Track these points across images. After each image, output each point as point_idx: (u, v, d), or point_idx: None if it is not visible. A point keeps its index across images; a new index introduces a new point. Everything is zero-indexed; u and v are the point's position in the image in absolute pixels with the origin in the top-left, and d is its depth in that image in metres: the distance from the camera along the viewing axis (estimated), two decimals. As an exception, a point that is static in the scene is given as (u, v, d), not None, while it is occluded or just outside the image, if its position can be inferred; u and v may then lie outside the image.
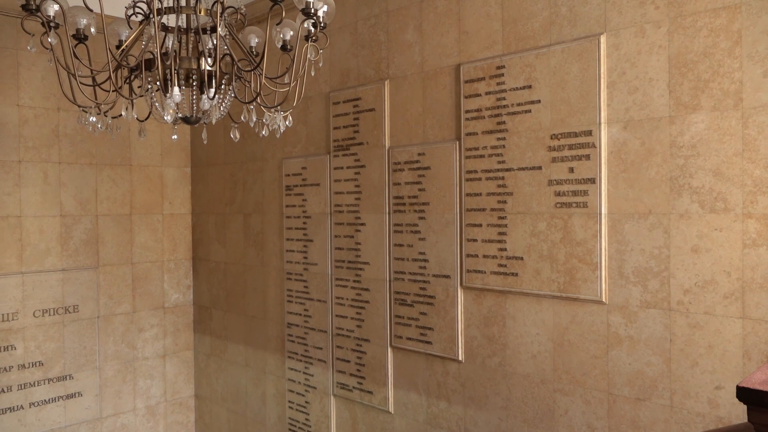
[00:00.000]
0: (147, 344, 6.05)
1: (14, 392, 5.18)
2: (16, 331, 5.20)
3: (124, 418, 5.89)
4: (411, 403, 4.15)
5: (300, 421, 5.04)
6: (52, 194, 5.40)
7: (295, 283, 5.03)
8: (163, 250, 6.17)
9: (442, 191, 3.90)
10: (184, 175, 6.32)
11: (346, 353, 4.59)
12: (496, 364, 3.63)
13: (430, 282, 3.97)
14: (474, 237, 3.72)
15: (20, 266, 5.21)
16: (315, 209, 4.84)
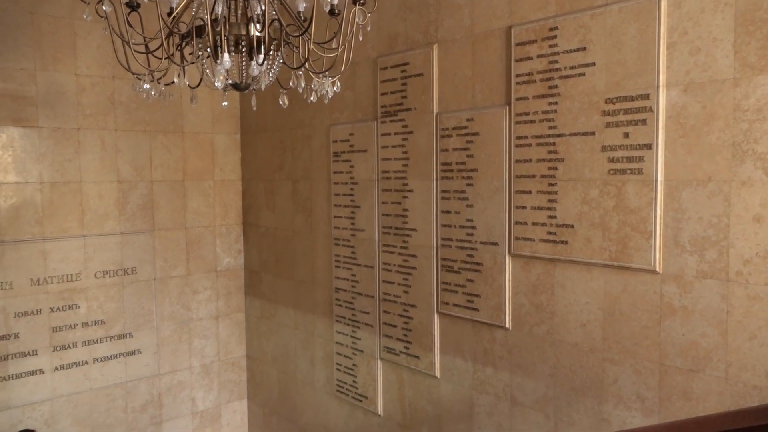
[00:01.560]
0: (201, 306, 6.27)
1: (79, 348, 5.48)
2: (79, 291, 5.47)
3: (181, 376, 6.16)
4: (457, 369, 4.19)
5: (348, 383, 5.16)
6: (110, 160, 5.59)
7: (342, 249, 5.09)
8: (214, 216, 6.33)
9: (490, 157, 3.84)
10: (234, 142, 6.42)
11: (393, 318, 4.64)
12: (544, 332, 3.61)
13: (478, 249, 3.95)
14: (523, 204, 3.66)
15: (81, 229, 5.45)
16: (362, 176, 4.85)
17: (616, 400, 3.30)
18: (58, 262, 5.32)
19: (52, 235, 5.28)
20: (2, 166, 5.01)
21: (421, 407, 4.49)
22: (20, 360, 5.16)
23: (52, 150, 5.25)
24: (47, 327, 5.29)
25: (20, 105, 5.08)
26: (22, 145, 5.10)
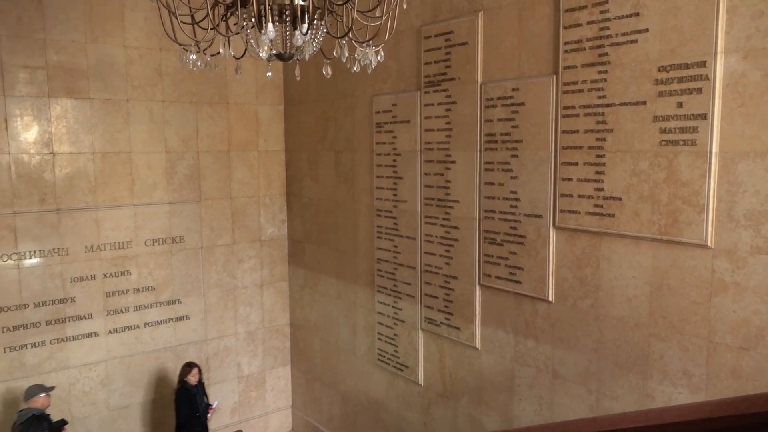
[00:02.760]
0: (246, 274, 6.41)
1: (131, 313, 5.70)
2: (130, 258, 5.66)
3: (227, 341, 6.35)
4: (498, 341, 4.18)
5: (389, 353, 5.23)
6: (157, 131, 5.71)
7: (384, 220, 5.11)
8: (259, 186, 6.42)
9: (536, 128, 3.76)
10: (277, 113, 6.47)
11: (435, 290, 4.65)
12: (588, 306, 3.56)
13: (521, 221, 3.90)
14: (569, 176, 3.58)
15: (132, 199, 5.61)
16: (405, 147, 4.82)
17: (661, 376, 3.24)
18: (110, 230, 5.51)
19: (104, 204, 5.46)
20: (57, 136, 5.18)
21: (461, 378, 4.52)
22: (77, 323, 5.40)
23: (102, 121, 5.39)
24: (101, 292, 5.52)
25: (73, 77, 5.22)
26: (75, 116, 5.25)
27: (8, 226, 5.00)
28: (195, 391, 5.27)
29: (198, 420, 5.22)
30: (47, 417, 4.59)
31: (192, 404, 5.20)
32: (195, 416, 5.20)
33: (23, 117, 5.02)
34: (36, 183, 5.11)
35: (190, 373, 5.27)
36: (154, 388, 5.90)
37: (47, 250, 5.20)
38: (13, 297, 5.07)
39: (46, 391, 4.64)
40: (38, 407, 4.55)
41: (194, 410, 5.20)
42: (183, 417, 5.19)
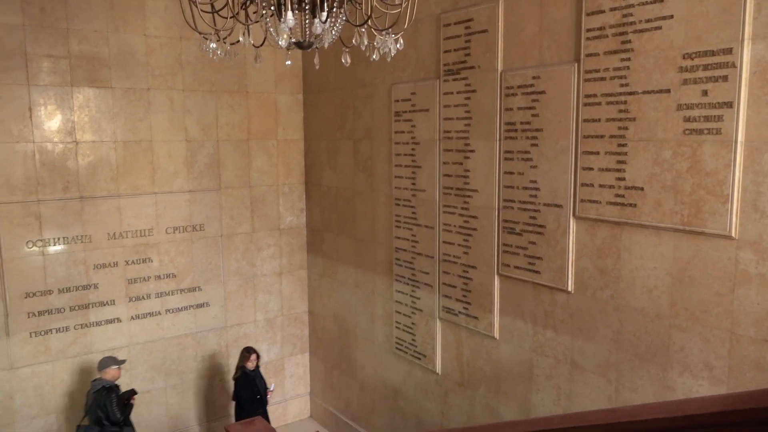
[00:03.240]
0: (265, 262, 6.46)
1: (153, 299, 5.78)
2: (151, 245, 5.73)
3: (246, 328, 6.42)
4: (516, 331, 4.17)
5: (406, 341, 5.24)
6: (178, 120, 5.75)
7: (403, 209, 5.11)
8: (278, 175, 6.45)
9: (557, 117, 3.72)
10: (296, 102, 6.48)
11: (453, 279, 4.65)
12: (608, 297, 3.53)
13: (541, 211, 3.87)
14: (590, 165, 3.54)
15: (153, 187, 5.67)
16: (424, 135, 4.81)
17: (681, 368, 3.21)
18: (132, 218, 5.59)
19: (126, 192, 5.53)
20: (80, 125, 5.25)
21: (479, 367, 4.52)
22: (100, 309, 5.50)
23: (124, 110, 5.45)
24: (123, 279, 5.60)
25: (95, 66, 5.27)
26: (97, 105, 5.32)
27: (33, 214, 5.09)
28: (254, 375, 5.43)
29: (260, 402, 5.36)
30: (116, 388, 4.88)
31: (253, 388, 5.34)
32: (257, 399, 5.34)
33: (47, 106, 5.09)
34: (59, 171, 5.18)
35: (248, 359, 5.40)
36: (176, 374, 6.00)
37: (71, 237, 5.29)
38: (39, 283, 5.17)
39: (118, 363, 4.96)
40: (109, 379, 4.86)
41: (255, 393, 5.34)
42: (245, 401, 5.33)
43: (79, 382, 5.45)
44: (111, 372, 4.88)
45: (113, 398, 4.78)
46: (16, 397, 5.18)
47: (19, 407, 5.20)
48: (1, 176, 4.93)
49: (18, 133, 4.98)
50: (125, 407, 4.93)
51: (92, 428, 4.77)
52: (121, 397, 4.89)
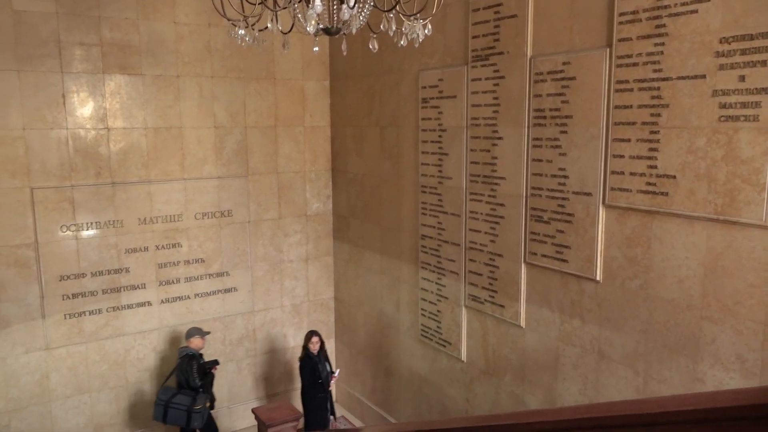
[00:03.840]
0: (292, 248, 6.52)
1: (182, 284, 5.89)
2: (181, 231, 5.82)
3: (273, 313, 6.50)
4: (543, 320, 4.14)
5: (432, 329, 5.25)
6: (206, 107, 5.81)
7: (429, 196, 5.09)
8: (304, 161, 6.48)
9: (587, 103, 3.65)
10: (323, 89, 6.48)
11: (479, 267, 4.63)
12: (637, 287, 3.48)
13: (570, 199, 3.82)
14: (621, 153, 3.48)
15: (182, 173, 5.75)
16: (451, 122, 4.77)
17: (712, 360, 3.16)
18: (162, 204, 5.68)
19: (157, 178, 5.62)
20: (111, 112, 5.33)
21: (504, 355, 4.51)
22: (131, 292, 5.62)
23: (154, 96, 5.52)
24: (154, 263, 5.71)
25: (126, 54, 5.34)
26: (128, 92, 5.39)
27: (67, 199, 5.21)
28: (317, 359, 5.40)
29: (321, 387, 5.35)
30: (197, 357, 5.25)
31: (314, 371, 5.34)
32: (317, 383, 5.33)
33: (79, 93, 5.18)
34: (92, 157, 5.28)
35: (310, 341, 5.40)
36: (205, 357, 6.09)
37: (103, 222, 5.40)
38: (73, 266, 5.30)
39: (202, 334, 5.35)
40: (193, 347, 5.29)
41: (316, 377, 5.34)
42: (306, 383, 5.36)
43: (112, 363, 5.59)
44: (195, 341, 5.28)
45: (194, 365, 5.16)
46: (52, 376, 5.34)
47: (54, 386, 5.36)
48: (37, 162, 5.05)
49: (52, 120, 5.08)
50: (205, 375, 5.26)
51: (171, 389, 5.20)
52: (202, 365, 5.23)
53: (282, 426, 4.05)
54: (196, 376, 5.17)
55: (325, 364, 5.48)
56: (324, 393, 5.38)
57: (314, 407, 5.39)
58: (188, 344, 5.30)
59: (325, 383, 5.38)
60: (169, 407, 5.07)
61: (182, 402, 5.10)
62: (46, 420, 5.36)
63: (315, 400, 5.37)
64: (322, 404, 5.41)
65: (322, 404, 5.41)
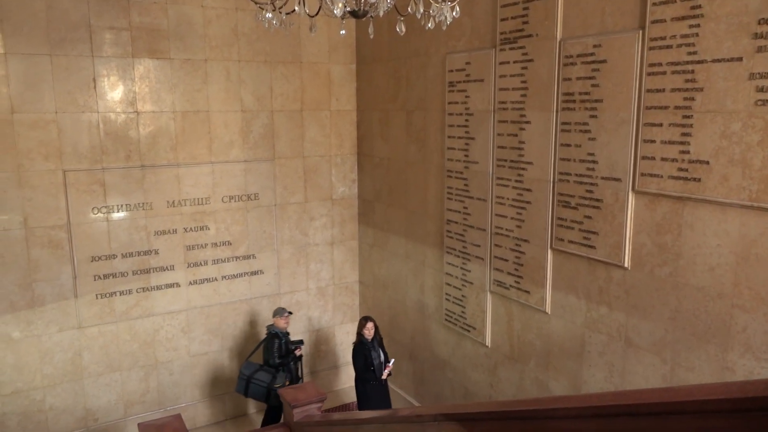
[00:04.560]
0: (317, 232, 6.56)
1: (209, 266, 5.97)
2: (208, 213, 5.90)
3: (299, 296, 6.57)
4: (569, 306, 4.11)
5: (456, 313, 5.25)
6: (234, 91, 5.84)
7: (455, 181, 5.06)
8: (330, 145, 6.49)
9: (618, 87, 3.58)
10: (349, 72, 6.46)
11: (505, 252, 4.60)
12: (666, 274, 3.43)
13: (598, 185, 3.77)
14: (652, 138, 3.41)
15: (210, 156, 5.81)
16: (478, 106, 4.72)
17: (743, 349, 3.10)
18: (190, 187, 5.75)
19: (185, 161, 5.68)
20: (141, 95, 5.40)
21: (529, 341, 4.50)
22: (160, 273, 5.72)
23: (182, 81, 5.57)
24: (182, 245, 5.80)
25: (154, 38, 5.39)
26: (156, 76, 5.45)
27: (98, 181, 5.31)
28: (370, 346, 5.27)
29: (372, 374, 5.23)
30: (280, 336, 5.48)
31: (366, 357, 5.23)
32: (369, 370, 5.23)
33: (110, 77, 5.25)
34: (122, 140, 5.37)
35: (364, 326, 5.30)
36: (231, 338, 6.21)
37: (133, 204, 5.49)
38: (104, 247, 5.41)
39: (284, 314, 5.55)
40: (277, 326, 5.50)
41: (368, 364, 5.23)
42: (358, 369, 5.28)
43: (142, 342, 5.72)
44: (277, 321, 5.50)
45: (275, 344, 5.41)
46: (84, 354, 5.48)
47: (86, 364, 5.51)
48: (69, 144, 5.15)
49: (83, 103, 5.16)
50: (287, 354, 5.45)
51: (254, 365, 5.46)
52: (283, 344, 5.43)
53: (307, 407, 4.11)
54: (276, 354, 5.38)
55: (379, 351, 5.32)
56: (376, 381, 5.23)
57: (367, 394, 5.28)
58: (274, 323, 5.52)
59: (378, 371, 5.23)
60: (251, 382, 5.35)
61: (263, 379, 5.36)
62: (79, 396, 5.52)
63: (368, 387, 5.25)
64: (376, 392, 5.27)
65: (376, 392, 5.27)
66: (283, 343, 5.45)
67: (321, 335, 6.77)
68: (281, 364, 5.42)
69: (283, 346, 5.45)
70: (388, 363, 5.33)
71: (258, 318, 6.32)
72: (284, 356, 5.44)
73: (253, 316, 6.30)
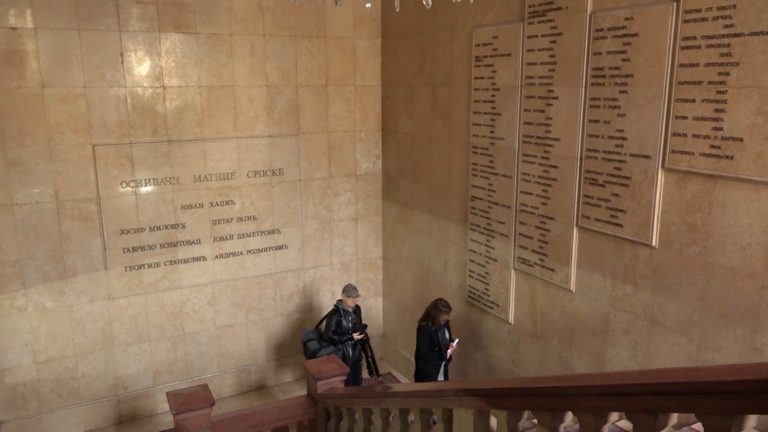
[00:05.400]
0: (341, 207, 6.58)
1: (235, 240, 6.05)
2: (234, 188, 5.95)
3: (322, 271, 6.62)
4: (594, 284, 4.08)
5: (479, 290, 5.25)
6: (258, 65, 5.84)
7: (480, 157, 5.02)
8: (355, 121, 6.47)
9: (650, 61, 3.49)
10: (374, 47, 6.40)
11: (529, 230, 4.57)
12: (695, 254, 3.37)
13: (627, 162, 3.70)
14: (684, 114, 3.33)
15: (235, 131, 5.84)
16: (504, 81, 4.65)
17: (772, 330, 3.05)
18: (215, 161, 5.80)
19: (210, 136, 5.72)
20: (167, 70, 5.43)
21: (552, 319, 4.48)
22: (187, 247, 5.81)
23: (208, 55, 5.58)
24: (208, 219, 5.87)
25: (180, 12, 5.39)
26: (182, 51, 5.47)
27: (126, 155, 5.38)
28: (436, 327, 5.08)
29: (437, 354, 5.11)
30: (340, 313, 5.52)
31: (432, 338, 5.08)
32: (435, 350, 5.11)
33: (137, 52, 5.28)
34: (149, 115, 5.42)
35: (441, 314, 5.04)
36: (256, 311, 6.30)
37: (160, 178, 5.57)
38: (132, 221, 5.51)
39: (348, 293, 5.53)
40: (343, 304, 5.55)
41: (433, 344, 5.10)
42: (422, 349, 5.12)
43: (170, 314, 5.84)
44: (345, 298, 5.53)
45: (333, 319, 5.49)
46: (114, 324, 5.63)
47: (116, 334, 5.66)
48: (98, 119, 5.22)
49: (111, 78, 5.21)
50: (343, 333, 5.48)
51: (311, 333, 5.63)
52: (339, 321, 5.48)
53: (330, 379, 4.16)
54: (331, 329, 5.47)
55: (444, 330, 5.16)
56: (441, 361, 5.15)
57: (428, 372, 5.17)
58: (343, 299, 5.57)
59: (443, 351, 5.11)
60: (305, 347, 5.53)
61: (311, 348, 5.48)
62: (109, 365, 5.68)
63: (430, 365, 5.16)
64: (436, 370, 5.18)
65: (436, 370, 5.18)
66: (340, 320, 5.49)
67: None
68: (331, 340, 5.48)
69: (341, 324, 5.47)
70: (452, 343, 5.17)
71: (283, 292, 6.39)
72: (338, 334, 5.48)
73: (278, 289, 6.38)
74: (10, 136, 4.93)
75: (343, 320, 5.49)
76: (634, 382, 1.78)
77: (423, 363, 5.20)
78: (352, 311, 5.57)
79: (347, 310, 5.52)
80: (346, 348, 5.53)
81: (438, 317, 5.04)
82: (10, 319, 5.21)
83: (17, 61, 4.86)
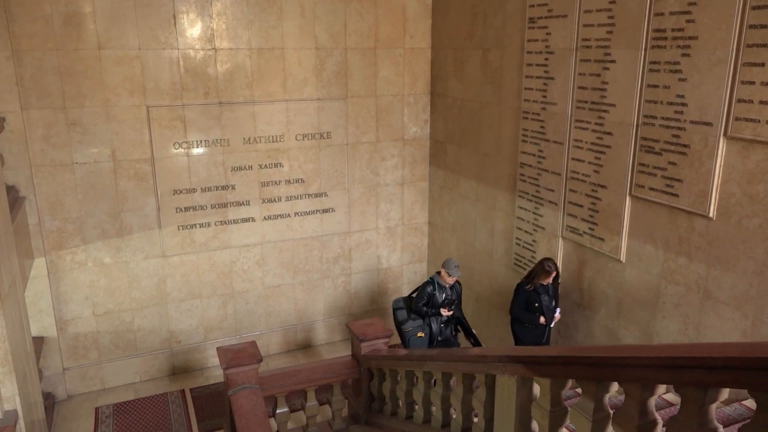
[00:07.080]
0: (388, 172, 6.57)
1: (283, 202, 6.14)
2: (282, 151, 6.01)
3: (368, 235, 6.67)
4: (645, 255, 3.97)
5: (526, 258, 5.19)
6: (308, 28, 5.81)
7: (531, 123, 4.90)
8: (403, 84, 6.39)
9: (716, 22, 3.30)
10: (424, 8, 6.27)
11: (580, 198, 4.47)
12: (756, 226, 3.23)
13: (686, 129, 3.55)
14: (751, 79, 3.15)
15: (284, 94, 5.87)
16: (559, 44, 4.50)
17: (835, 308, 2.92)
18: (264, 124, 5.85)
19: (260, 99, 5.77)
20: (218, 32, 5.47)
21: (600, 289, 4.41)
22: (237, 208, 5.94)
23: (258, 17, 5.58)
24: (257, 181, 5.97)
25: (231, -27, 5.40)
26: (233, 13, 5.48)
27: (179, 117, 5.49)
28: (541, 289, 4.56)
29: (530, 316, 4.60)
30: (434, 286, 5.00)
31: (529, 298, 4.60)
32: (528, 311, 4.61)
33: (189, 14, 5.33)
34: (201, 77, 5.49)
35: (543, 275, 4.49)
36: (303, 272, 6.42)
37: (211, 140, 5.67)
38: (184, 182, 5.65)
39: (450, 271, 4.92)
40: (440, 278, 5.00)
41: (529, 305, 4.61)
42: (514, 307, 4.70)
43: (220, 273, 6.02)
44: (443, 273, 4.96)
45: (425, 291, 4.99)
46: (168, 281, 5.84)
47: (170, 290, 5.87)
48: (152, 81, 5.32)
49: (164, 40, 5.29)
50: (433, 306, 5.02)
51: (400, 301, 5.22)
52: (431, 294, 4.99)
53: (374, 341, 4.23)
54: (419, 301, 5.01)
55: (546, 295, 4.57)
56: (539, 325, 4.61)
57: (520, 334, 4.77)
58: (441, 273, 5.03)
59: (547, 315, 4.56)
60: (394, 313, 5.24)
61: (398, 317, 5.16)
62: (164, 319, 5.92)
63: (525, 331, 4.70)
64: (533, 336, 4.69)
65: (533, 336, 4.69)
66: (433, 294, 5.01)
67: (389, 274, 6.90)
68: (418, 312, 5.06)
69: (433, 297, 5.01)
70: (555, 313, 4.64)
71: (329, 255, 6.48)
72: (428, 306, 5.03)
73: (324, 252, 6.47)
74: (70, 97, 5.09)
75: (437, 293, 5.02)
76: (685, 354, 1.74)
77: (518, 327, 4.75)
78: (448, 288, 5.06)
79: (443, 285, 5.03)
80: (434, 323, 5.09)
81: (538, 276, 4.52)
82: (72, 273, 5.47)
83: (75, 23, 4.98)
